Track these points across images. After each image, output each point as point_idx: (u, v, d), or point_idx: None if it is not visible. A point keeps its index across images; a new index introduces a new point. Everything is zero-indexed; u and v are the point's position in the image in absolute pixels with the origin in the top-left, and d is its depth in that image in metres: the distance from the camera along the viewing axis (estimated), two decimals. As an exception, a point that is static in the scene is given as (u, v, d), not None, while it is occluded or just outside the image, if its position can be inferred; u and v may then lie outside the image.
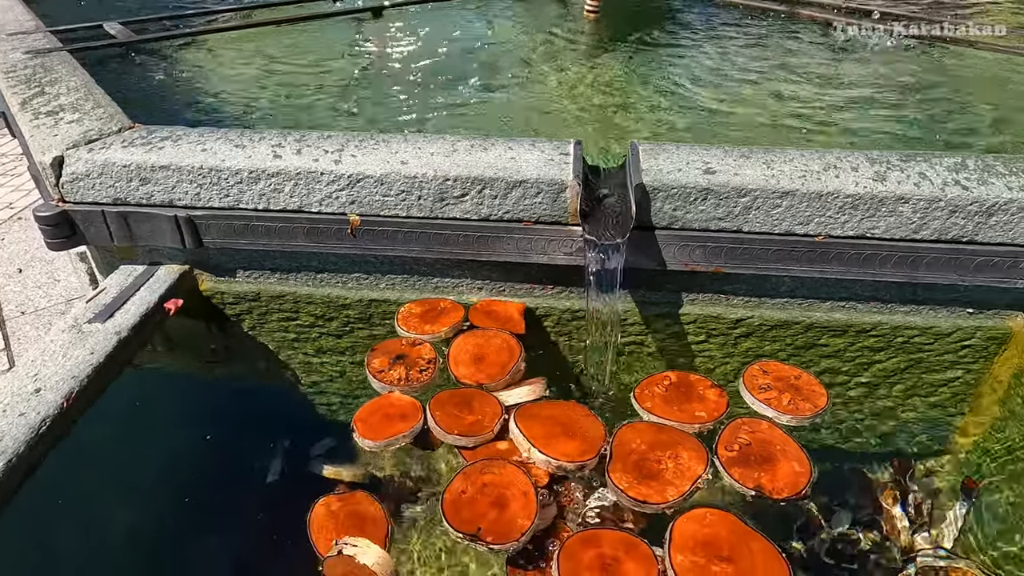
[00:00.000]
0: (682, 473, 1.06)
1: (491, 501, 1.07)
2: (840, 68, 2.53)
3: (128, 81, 2.19)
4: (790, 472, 1.12)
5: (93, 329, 1.30)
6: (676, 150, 1.38)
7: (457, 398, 1.27)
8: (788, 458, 1.14)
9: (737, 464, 1.13)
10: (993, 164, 1.33)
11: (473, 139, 1.41)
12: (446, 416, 1.22)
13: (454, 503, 1.07)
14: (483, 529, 1.02)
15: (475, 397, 1.27)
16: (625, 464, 1.09)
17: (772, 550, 0.96)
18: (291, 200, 1.36)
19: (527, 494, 1.06)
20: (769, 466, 1.13)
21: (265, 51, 2.56)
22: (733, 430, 1.20)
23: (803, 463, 1.14)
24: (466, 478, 1.11)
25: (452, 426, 1.20)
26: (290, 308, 1.52)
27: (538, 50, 2.69)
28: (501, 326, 1.38)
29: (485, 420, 1.21)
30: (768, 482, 1.10)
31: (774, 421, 1.22)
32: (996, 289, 1.36)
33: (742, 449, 1.16)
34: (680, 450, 1.11)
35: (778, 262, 1.34)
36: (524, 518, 1.03)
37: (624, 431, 1.16)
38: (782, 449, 1.16)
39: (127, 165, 1.35)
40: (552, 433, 1.18)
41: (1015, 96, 2.29)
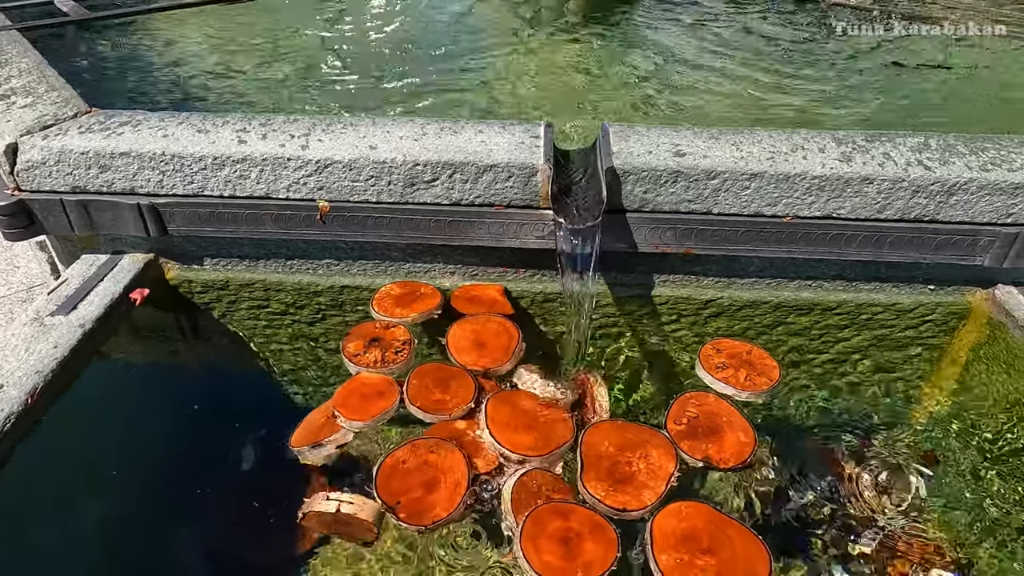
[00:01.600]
0: (655, 473, 1.07)
1: (423, 480, 1.09)
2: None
3: (83, 61, 2.11)
4: (736, 442, 1.17)
5: (56, 322, 1.27)
6: (646, 132, 1.38)
7: (440, 374, 1.29)
8: (734, 429, 1.19)
9: (686, 437, 1.17)
10: (954, 144, 1.35)
11: (443, 122, 1.40)
12: (420, 387, 1.25)
13: (390, 469, 1.10)
14: (401, 504, 1.05)
15: (457, 378, 1.28)
16: (598, 471, 1.08)
17: (748, 534, 0.99)
18: (258, 186, 1.33)
19: (458, 486, 1.07)
20: (716, 437, 1.17)
21: (226, 27, 2.48)
22: (682, 404, 1.24)
23: (748, 433, 1.19)
24: (412, 449, 1.14)
25: (417, 398, 1.23)
26: (260, 296, 1.50)
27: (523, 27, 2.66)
28: (489, 310, 1.38)
29: (451, 403, 1.23)
30: (715, 453, 1.14)
31: (734, 399, 1.25)
32: (956, 266, 1.40)
33: (690, 422, 1.20)
34: (649, 449, 1.12)
35: (747, 243, 1.36)
36: (443, 508, 1.04)
37: (590, 434, 1.15)
38: (728, 421, 1.21)
39: (85, 152, 1.30)
40: (515, 424, 1.19)
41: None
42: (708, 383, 1.27)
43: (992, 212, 1.30)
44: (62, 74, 1.66)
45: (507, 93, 2.11)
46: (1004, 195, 1.28)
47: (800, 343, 1.52)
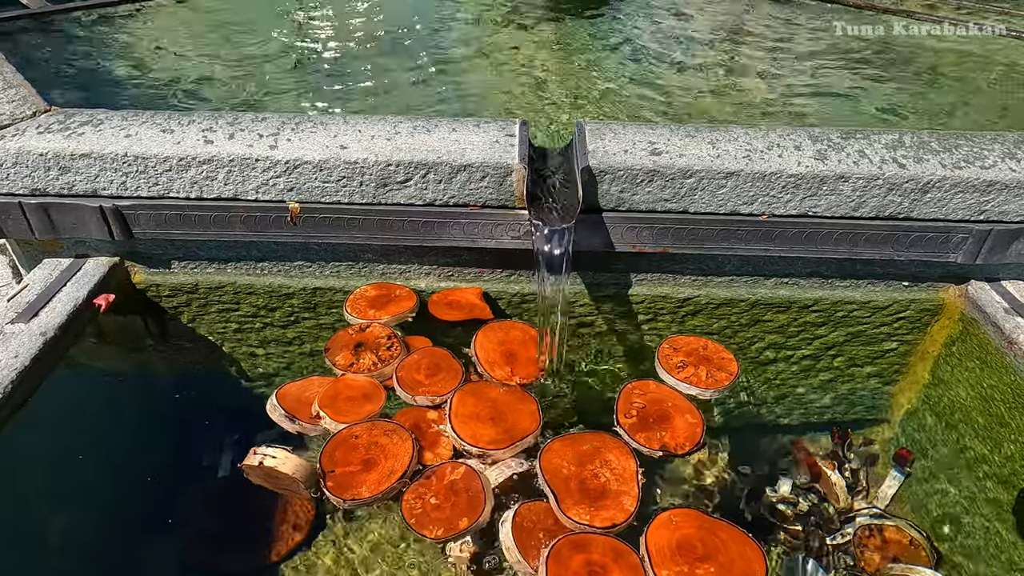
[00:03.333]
0: (622, 476, 1.06)
1: (365, 459, 1.10)
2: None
3: (42, 55, 2.04)
4: (686, 425, 1.18)
5: (16, 330, 1.23)
6: (622, 129, 1.37)
7: (439, 361, 1.30)
8: (681, 412, 1.20)
9: (640, 429, 1.17)
10: (928, 141, 1.36)
11: (416, 120, 1.37)
12: (410, 366, 1.28)
13: (340, 440, 1.12)
14: (335, 473, 1.07)
15: (447, 370, 1.28)
16: (572, 494, 1.05)
17: (740, 535, 0.99)
18: (226, 188, 1.30)
19: (392, 473, 1.08)
20: (667, 424, 1.18)
21: (193, 20, 2.42)
22: (626, 396, 1.24)
23: (694, 414, 1.20)
24: (370, 428, 1.15)
25: (404, 372, 1.27)
26: (230, 299, 1.46)
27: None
28: (467, 314, 1.36)
29: (420, 389, 1.24)
30: (670, 439, 1.15)
31: (698, 398, 1.25)
32: (930, 263, 1.41)
33: (639, 413, 1.20)
34: (604, 454, 1.11)
35: (724, 241, 1.35)
36: (368, 489, 1.05)
37: (546, 460, 1.10)
38: (674, 405, 1.22)
39: (43, 154, 1.26)
40: (479, 415, 1.19)
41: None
42: (672, 385, 1.26)
43: (965, 209, 1.31)
44: (21, 70, 1.61)
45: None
46: (977, 192, 1.29)
47: (777, 340, 1.53)
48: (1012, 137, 1.39)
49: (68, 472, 1.36)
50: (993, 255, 1.36)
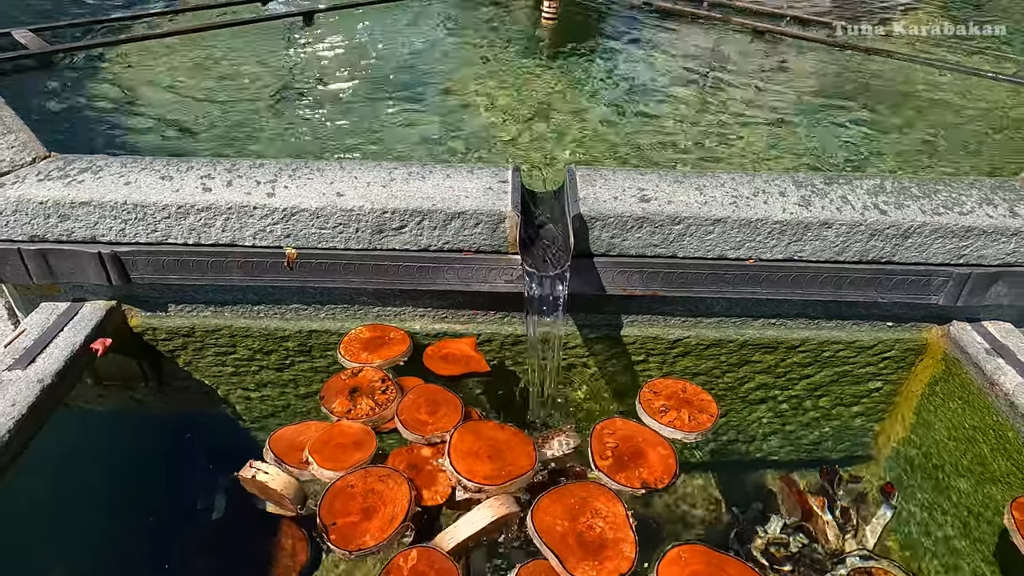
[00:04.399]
0: (615, 523, 1.07)
1: (363, 507, 1.10)
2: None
3: (41, 97, 2.07)
4: (660, 459, 1.20)
5: (13, 377, 1.24)
6: (612, 175, 1.40)
7: (436, 397, 1.31)
8: (653, 446, 1.22)
9: (618, 470, 1.18)
10: (908, 186, 1.40)
11: (410, 167, 1.40)
12: (411, 404, 1.28)
13: (337, 491, 1.12)
14: (336, 526, 1.06)
15: (447, 405, 1.29)
16: (575, 552, 1.04)
17: (747, 570, 1.00)
18: (223, 234, 1.32)
19: (394, 519, 1.08)
20: (642, 460, 1.20)
21: (190, 59, 2.46)
22: (598, 439, 1.24)
23: (665, 446, 1.22)
24: (364, 476, 1.15)
25: (404, 411, 1.27)
26: (227, 342, 1.48)
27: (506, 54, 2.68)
28: (464, 368, 1.38)
29: (431, 428, 1.24)
30: (649, 475, 1.17)
31: (682, 441, 1.27)
32: (913, 304, 1.44)
33: (614, 453, 1.21)
34: (592, 503, 1.11)
35: (712, 284, 1.38)
36: (373, 537, 1.05)
37: (538, 519, 1.08)
38: (644, 439, 1.24)
39: (44, 202, 1.28)
40: (477, 452, 1.19)
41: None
42: (656, 429, 1.27)
43: (945, 254, 1.35)
44: (20, 112, 1.63)
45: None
46: (956, 238, 1.33)
47: (766, 380, 1.55)
48: (989, 183, 1.43)
49: (63, 514, 1.36)
50: (973, 297, 1.40)
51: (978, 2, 3.76)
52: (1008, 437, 1.27)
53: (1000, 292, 1.40)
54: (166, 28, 2.60)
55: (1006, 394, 1.29)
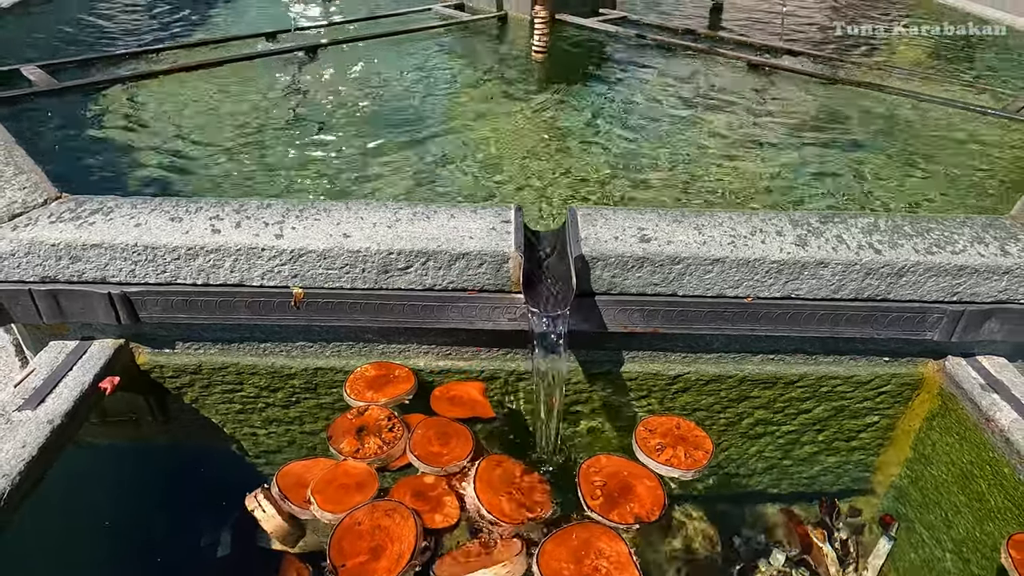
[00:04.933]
0: (619, 562, 1.08)
1: (372, 546, 1.11)
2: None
3: (50, 133, 2.10)
4: (648, 491, 1.22)
5: (23, 418, 1.25)
6: (613, 215, 1.43)
7: (445, 429, 1.33)
8: (639, 479, 1.24)
9: (609, 507, 1.20)
10: (901, 224, 1.43)
11: (415, 207, 1.43)
12: (422, 438, 1.30)
13: (345, 530, 1.13)
14: (346, 567, 1.07)
15: (459, 435, 1.32)
16: None
17: None
18: (231, 275, 1.34)
19: (401, 557, 1.09)
20: (631, 494, 1.22)
21: (198, 94, 2.50)
22: (586, 478, 1.26)
23: (651, 477, 1.25)
24: (370, 511, 1.16)
25: (418, 446, 1.29)
26: (233, 380, 1.49)
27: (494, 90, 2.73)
28: (469, 412, 1.40)
29: (447, 458, 1.27)
30: (640, 509, 1.19)
31: (680, 479, 1.29)
32: (908, 340, 1.47)
33: (603, 491, 1.23)
34: (594, 543, 1.12)
35: (711, 322, 1.41)
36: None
37: (545, 564, 1.09)
38: (630, 473, 1.26)
39: (56, 244, 1.30)
40: (500, 488, 1.22)
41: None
42: (653, 468, 1.29)
43: (939, 291, 1.38)
44: (31, 150, 1.66)
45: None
46: (949, 276, 1.36)
47: (765, 415, 1.57)
48: (980, 221, 1.47)
49: (67, 550, 1.37)
50: (967, 334, 1.42)
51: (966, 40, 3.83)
52: (1004, 473, 1.29)
53: (993, 328, 1.42)
54: (172, 64, 2.64)
55: (1001, 430, 1.31)
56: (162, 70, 2.55)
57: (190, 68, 2.55)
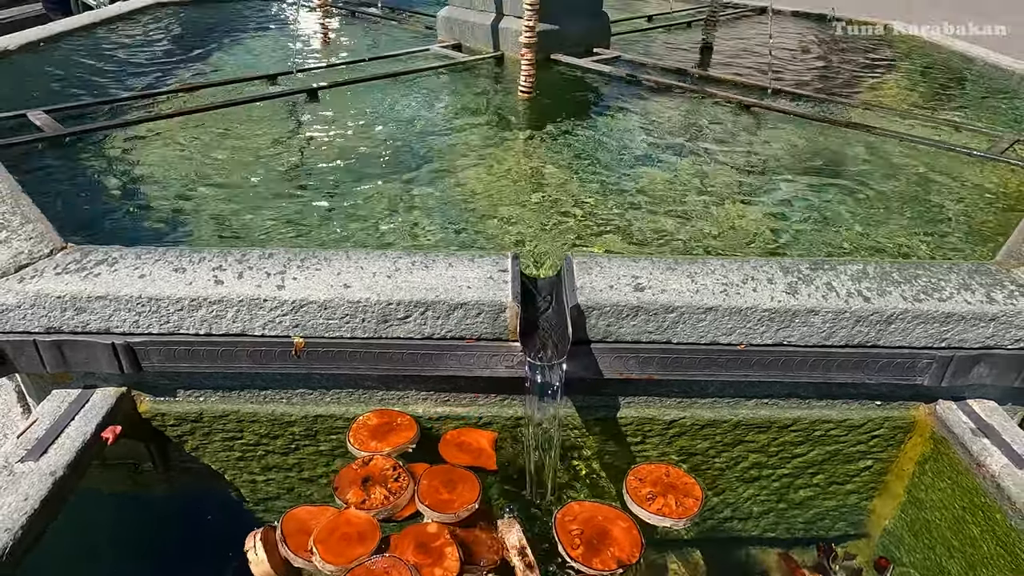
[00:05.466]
0: None
1: None
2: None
3: (56, 181, 2.14)
4: (624, 533, 1.24)
5: (26, 470, 1.27)
6: (607, 263, 1.47)
7: (451, 476, 1.35)
8: (613, 521, 1.26)
9: (591, 555, 1.21)
10: (890, 271, 1.47)
11: (414, 256, 1.46)
12: (429, 488, 1.32)
13: None
14: None
15: (461, 481, 1.34)
16: None
17: None
18: (234, 325, 1.37)
19: None
20: (609, 539, 1.24)
21: (200, 137, 2.55)
22: (562, 528, 1.28)
23: (624, 518, 1.27)
24: (368, 571, 1.17)
25: (427, 496, 1.31)
26: (234, 427, 1.51)
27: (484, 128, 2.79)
28: (474, 460, 1.42)
29: (457, 503, 1.30)
30: (620, 553, 1.21)
31: (672, 528, 1.30)
32: (899, 384, 1.49)
33: (582, 538, 1.24)
34: None
35: (705, 368, 1.43)
36: None
37: None
38: (604, 518, 1.28)
39: (61, 296, 1.33)
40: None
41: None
42: (645, 519, 1.30)
43: (927, 338, 1.41)
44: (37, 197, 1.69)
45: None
46: (937, 323, 1.39)
47: (760, 459, 1.59)
48: (966, 267, 1.50)
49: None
50: (957, 378, 1.45)
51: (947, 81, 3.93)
52: (996, 519, 1.31)
53: (982, 373, 1.45)
54: (176, 108, 2.69)
55: (992, 476, 1.33)
56: (166, 114, 2.59)
57: (193, 112, 2.59)
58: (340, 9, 4.96)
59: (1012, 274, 1.50)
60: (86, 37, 3.94)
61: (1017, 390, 1.52)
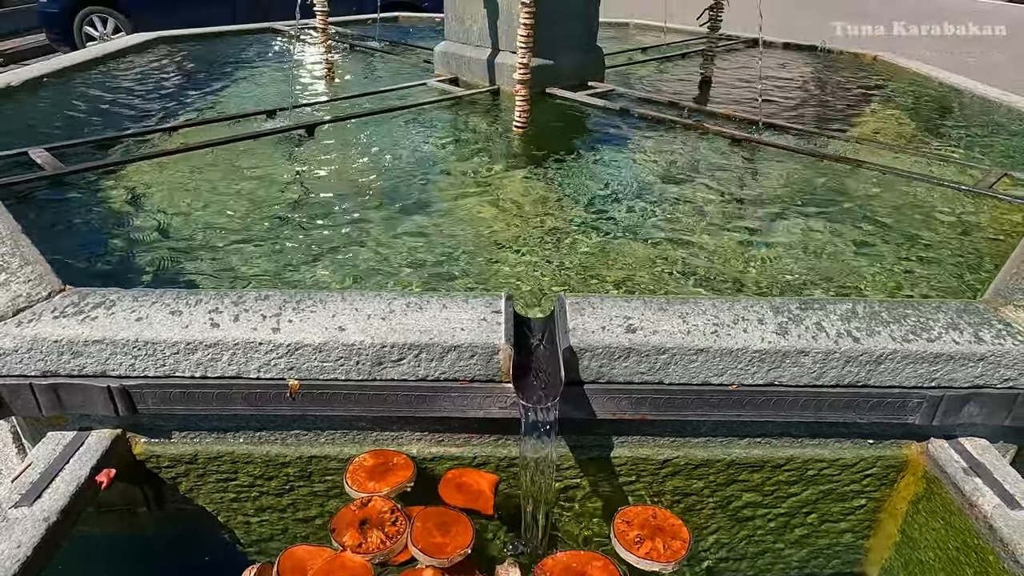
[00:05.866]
0: None
1: None
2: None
3: (56, 220, 2.16)
4: (601, 570, 1.26)
5: (19, 515, 1.27)
6: (600, 303, 1.48)
7: (444, 518, 1.35)
8: (593, 565, 1.28)
9: None
10: (879, 311, 1.49)
11: (408, 297, 1.48)
12: (423, 533, 1.32)
13: None
14: None
15: (454, 524, 1.34)
16: None
17: None
18: (229, 368, 1.38)
19: None
20: None
21: (198, 173, 2.58)
22: None
23: (598, 557, 1.29)
24: None
25: (420, 539, 1.31)
26: (228, 468, 1.51)
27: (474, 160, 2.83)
28: (470, 503, 1.42)
29: (449, 547, 1.29)
30: None
31: (660, 573, 1.30)
32: (891, 423, 1.50)
33: None
34: None
35: (698, 408, 1.44)
36: None
37: None
38: (579, 562, 1.29)
39: (58, 340, 1.34)
40: None
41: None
42: (634, 563, 1.30)
43: (917, 377, 1.42)
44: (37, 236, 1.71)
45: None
46: (926, 363, 1.40)
47: (754, 499, 1.59)
48: (954, 306, 1.52)
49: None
50: (948, 417, 1.46)
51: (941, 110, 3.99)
52: (990, 561, 1.31)
53: (973, 412, 1.46)
54: (177, 145, 2.73)
55: (985, 516, 1.34)
56: (166, 151, 2.63)
57: (192, 148, 2.63)
58: (339, 43, 5.05)
59: (999, 313, 1.52)
60: (89, 73, 4.01)
61: (1009, 428, 1.53)
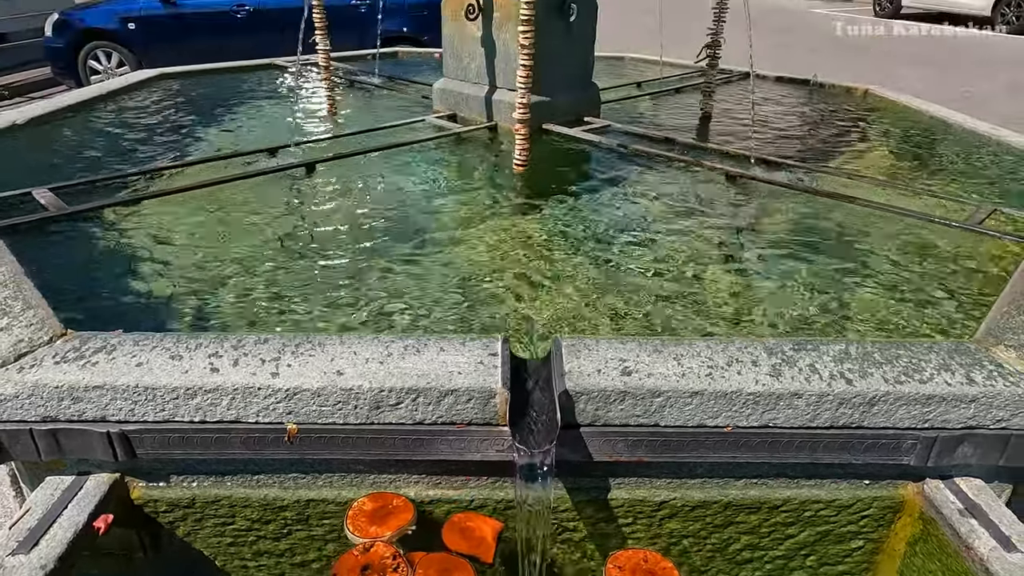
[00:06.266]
0: None
1: None
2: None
3: (58, 261, 2.19)
4: None
5: (16, 563, 1.26)
6: (595, 345, 1.50)
7: (446, 564, 1.35)
8: None
9: None
10: (871, 352, 1.50)
11: (406, 340, 1.50)
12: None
13: None
14: None
15: (456, 570, 1.33)
16: None
17: None
18: (228, 412, 1.39)
19: None
20: None
21: (199, 213, 2.61)
22: None
23: None
24: None
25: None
26: (226, 512, 1.51)
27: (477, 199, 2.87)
28: (471, 549, 1.41)
29: None
30: None
31: None
32: (886, 464, 1.51)
33: None
34: None
35: (694, 450, 1.45)
36: None
37: None
38: None
39: (59, 386, 1.35)
40: None
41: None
42: None
43: (910, 419, 1.43)
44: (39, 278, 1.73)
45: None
46: (919, 405, 1.41)
47: (751, 541, 1.59)
48: (946, 347, 1.54)
49: None
50: (942, 458, 1.47)
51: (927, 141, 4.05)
52: (988, 605, 1.31)
53: (967, 453, 1.47)
54: (179, 185, 2.77)
55: (981, 559, 1.34)
56: (168, 190, 2.67)
57: (193, 187, 2.66)
58: (339, 79, 5.13)
59: (991, 353, 1.53)
60: (92, 110, 4.07)
61: (1004, 468, 1.54)
